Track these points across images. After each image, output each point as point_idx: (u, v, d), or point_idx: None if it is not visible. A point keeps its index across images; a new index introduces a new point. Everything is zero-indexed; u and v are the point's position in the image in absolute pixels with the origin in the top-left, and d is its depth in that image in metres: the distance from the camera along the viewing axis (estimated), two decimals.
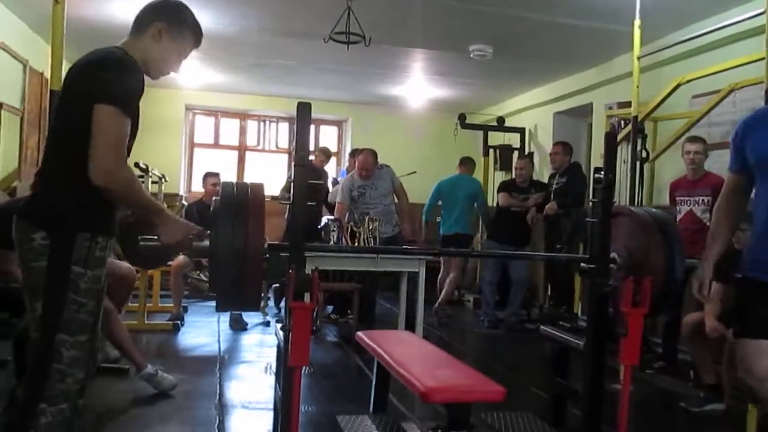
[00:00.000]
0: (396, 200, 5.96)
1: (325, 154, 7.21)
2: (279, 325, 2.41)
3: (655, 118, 5.54)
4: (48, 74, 3.68)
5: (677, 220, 4.56)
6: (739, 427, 3.38)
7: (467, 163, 7.19)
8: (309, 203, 2.10)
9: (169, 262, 5.76)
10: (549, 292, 6.76)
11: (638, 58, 4.48)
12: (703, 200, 4.57)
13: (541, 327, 3.03)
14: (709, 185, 4.57)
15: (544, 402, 3.31)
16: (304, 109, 2.10)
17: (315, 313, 3.41)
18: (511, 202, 6.48)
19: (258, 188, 2.13)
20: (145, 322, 5.52)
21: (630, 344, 2.32)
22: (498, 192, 6.77)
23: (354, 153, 6.68)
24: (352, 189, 5.70)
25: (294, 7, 5.33)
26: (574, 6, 4.94)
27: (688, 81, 4.86)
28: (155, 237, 2.13)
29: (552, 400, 3.01)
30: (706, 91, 5.01)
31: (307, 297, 2.00)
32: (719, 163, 5.01)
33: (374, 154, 5.79)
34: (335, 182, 7.26)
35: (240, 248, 1.95)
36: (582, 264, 2.62)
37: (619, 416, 2.39)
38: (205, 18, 5.52)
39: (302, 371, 2.06)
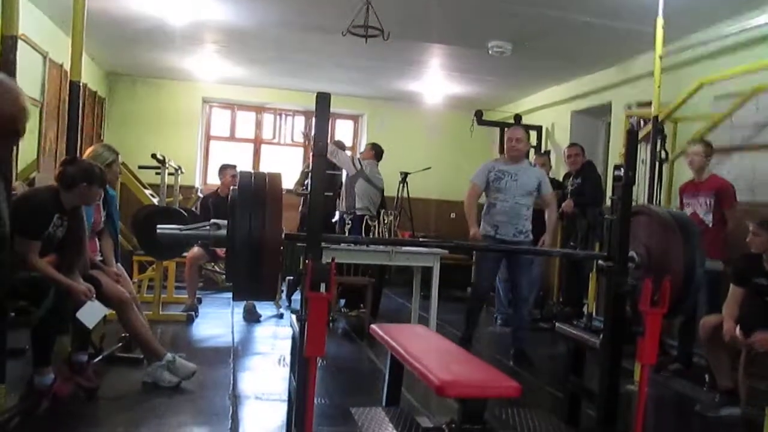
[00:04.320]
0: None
1: (339, 146, 7.21)
2: (294, 316, 2.41)
3: (676, 119, 5.48)
4: (68, 66, 3.69)
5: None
6: None
7: None
8: (326, 193, 2.10)
9: (184, 254, 5.79)
10: (561, 292, 6.73)
11: (660, 58, 4.43)
12: (705, 202, 4.56)
13: (557, 325, 3.00)
14: (712, 188, 4.56)
15: (558, 400, 3.29)
16: (323, 99, 2.10)
17: (329, 305, 3.42)
18: None
19: (276, 178, 2.13)
20: (160, 313, 5.54)
21: (648, 344, 2.29)
22: None
23: (373, 145, 6.65)
24: (490, 170, 5.00)
25: (313, 1, 5.32)
26: (596, 4, 4.89)
27: (711, 82, 4.80)
28: (173, 226, 2.14)
29: (567, 399, 2.99)
30: (729, 93, 4.94)
31: (323, 288, 1.99)
32: (741, 167, 4.96)
33: (527, 131, 5.29)
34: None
35: (257, 237, 1.95)
36: (600, 261, 2.59)
37: (636, 416, 2.37)
38: (224, 11, 5.62)
39: (317, 362, 2.06)
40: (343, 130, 9.88)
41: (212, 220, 2.11)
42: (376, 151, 6.47)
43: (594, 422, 2.64)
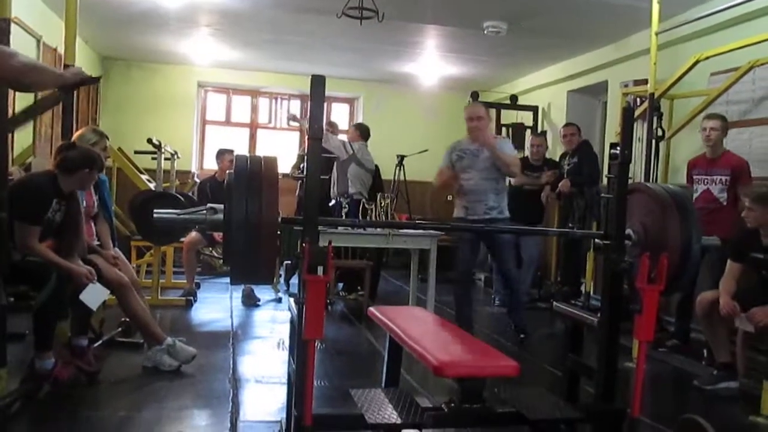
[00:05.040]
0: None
1: (333, 128, 7.18)
2: (292, 299, 2.41)
3: (672, 96, 5.47)
4: (62, 50, 3.66)
5: (694, 199, 4.51)
6: (752, 406, 3.38)
7: None
8: (322, 176, 2.09)
9: (182, 239, 5.79)
10: (559, 272, 6.76)
11: (656, 34, 4.41)
12: (721, 179, 4.51)
13: (555, 304, 3.01)
14: (728, 165, 4.50)
15: (557, 378, 3.31)
16: (318, 82, 2.08)
17: (327, 288, 3.42)
18: (524, 180, 6.43)
19: (272, 161, 2.13)
20: (159, 297, 5.56)
21: (645, 321, 2.30)
22: None
23: (358, 126, 6.62)
24: (452, 151, 4.89)
25: None
26: None
27: (707, 58, 4.77)
28: (170, 210, 2.14)
29: (566, 376, 3.00)
30: (725, 69, 4.93)
31: (320, 271, 1.99)
32: (738, 141, 4.96)
33: (486, 107, 5.04)
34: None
35: (254, 220, 1.95)
36: (597, 240, 2.60)
37: (634, 391, 2.38)
38: None
39: (315, 345, 2.06)
40: (338, 113, 9.84)
41: (209, 205, 2.11)
42: (362, 132, 6.45)
43: (593, 399, 2.66)
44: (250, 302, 5.86)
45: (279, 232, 2.09)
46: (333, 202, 6.12)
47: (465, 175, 4.79)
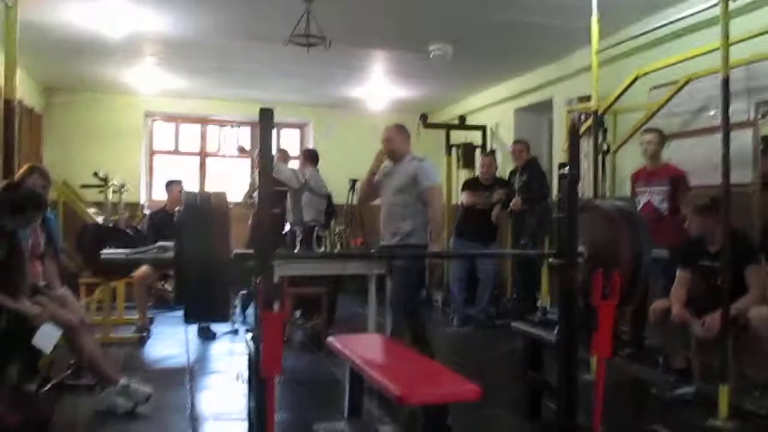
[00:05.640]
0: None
1: (284, 157, 7.15)
2: (249, 335, 2.37)
3: (615, 111, 5.62)
4: (1, 82, 3.55)
5: (637, 210, 4.63)
6: (710, 408, 3.45)
7: None
8: (274, 210, 2.07)
9: (132, 273, 5.64)
10: (514, 288, 6.82)
11: (596, 53, 4.53)
12: (661, 190, 4.68)
13: (513, 324, 3.04)
14: (666, 176, 4.69)
15: (519, 396, 3.32)
16: (266, 115, 2.06)
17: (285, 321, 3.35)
18: (476, 200, 6.51)
19: (221, 197, 2.09)
20: (111, 335, 5.39)
21: (602, 337, 2.34)
22: (462, 191, 6.79)
23: (306, 152, 6.62)
24: (381, 173, 4.65)
25: (254, 10, 5.25)
26: (531, 3, 4.97)
27: (645, 74, 4.94)
28: (118, 251, 2.08)
29: (527, 394, 3.02)
30: (665, 83, 5.09)
31: (276, 307, 1.96)
32: (679, 153, 5.12)
33: (402, 129, 4.68)
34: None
35: (206, 259, 1.91)
36: (551, 259, 2.63)
37: (594, 408, 2.41)
38: (163, 22, 5.51)
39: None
40: (289, 139, 9.80)
41: (159, 243, 2.06)
42: (310, 158, 6.44)
43: (555, 416, 2.67)
44: (206, 335, 5.73)
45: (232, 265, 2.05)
46: (287, 228, 6.06)
47: (381, 198, 4.62)
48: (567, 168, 2.52)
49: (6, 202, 3.21)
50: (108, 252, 2.09)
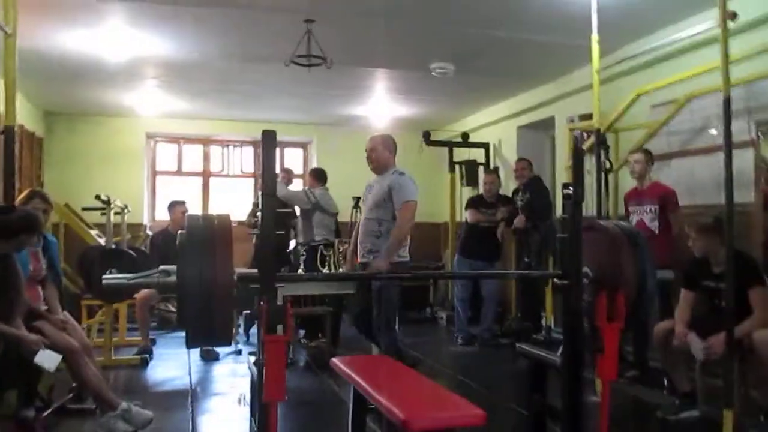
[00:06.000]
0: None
1: (288, 176, 7.18)
2: (252, 359, 2.35)
3: (617, 129, 5.63)
4: (2, 109, 3.57)
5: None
6: None
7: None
8: (278, 232, 2.06)
9: (134, 295, 5.63)
10: (518, 306, 6.79)
11: (597, 72, 4.54)
12: (651, 209, 4.71)
13: (517, 345, 3.01)
14: (655, 195, 4.72)
15: (523, 418, 3.29)
16: (269, 137, 2.06)
17: (289, 344, 3.32)
18: (480, 218, 6.50)
19: (224, 219, 2.08)
20: (112, 357, 5.36)
21: (607, 360, 2.31)
22: (466, 209, 6.78)
23: (314, 171, 6.64)
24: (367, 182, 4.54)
25: (254, 32, 5.29)
26: (532, 22, 5.00)
27: (647, 92, 4.95)
28: (119, 274, 2.07)
29: (531, 417, 2.99)
30: (665, 101, 5.10)
31: (280, 330, 1.95)
32: (680, 170, 5.12)
33: (387, 139, 4.52)
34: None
35: (208, 283, 1.89)
36: (555, 280, 2.61)
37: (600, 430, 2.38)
38: (164, 46, 5.54)
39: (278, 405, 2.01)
40: (292, 158, 9.82)
41: (161, 267, 2.04)
42: (318, 177, 6.46)
43: None
44: (209, 357, 5.70)
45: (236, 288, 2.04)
46: (291, 247, 6.06)
47: (362, 212, 4.53)
48: (571, 187, 2.51)
49: None
50: (110, 276, 2.08)
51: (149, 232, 7.68)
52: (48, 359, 3.26)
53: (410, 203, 4.21)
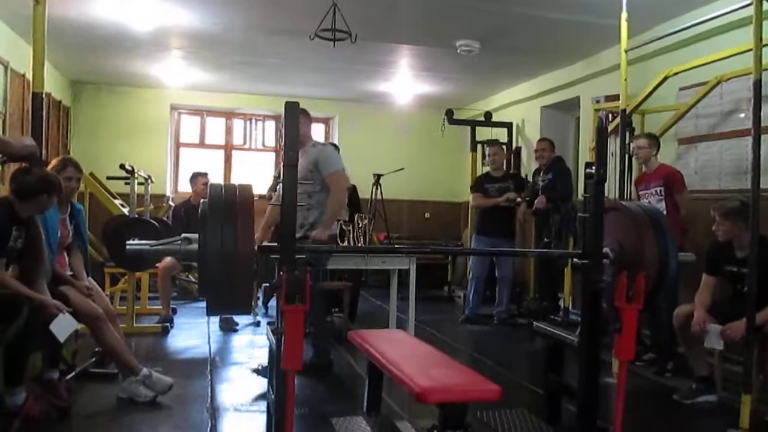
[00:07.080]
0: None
1: None
2: (270, 328, 2.38)
3: (643, 111, 5.54)
4: (30, 76, 3.60)
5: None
6: (731, 418, 3.39)
7: None
8: (299, 204, 2.07)
9: (157, 264, 5.70)
10: (536, 287, 6.78)
11: (626, 51, 4.47)
12: (656, 190, 4.70)
13: (535, 324, 3.01)
14: (660, 176, 4.70)
15: (539, 397, 3.30)
16: (292, 108, 2.07)
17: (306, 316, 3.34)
18: (481, 203, 6.49)
19: (246, 190, 2.10)
20: (134, 325, 5.45)
21: (625, 340, 2.31)
22: (470, 191, 6.76)
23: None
24: None
25: (280, 5, 5.27)
26: (560, 0, 4.92)
27: (675, 73, 4.86)
28: (143, 242, 2.10)
29: (547, 397, 3.00)
30: (694, 83, 5.01)
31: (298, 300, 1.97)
32: (708, 155, 5.04)
33: (303, 112, 4.42)
34: None
35: (229, 252, 1.91)
36: (575, 259, 2.60)
37: (615, 412, 2.38)
38: (190, 17, 5.55)
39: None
40: (313, 134, 9.79)
41: (183, 235, 2.07)
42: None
43: (575, 419, 2.65)
44: (228, 327, 5.78)
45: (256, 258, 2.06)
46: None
47: None
48: (593, 167, 2.49)
49: (17, 187, 3.24)
50: (133, 243, 2.11)
51: (171, 203, 7.75)
52: (63, 327, 3.30)
53: (340, 172, 4.33)
